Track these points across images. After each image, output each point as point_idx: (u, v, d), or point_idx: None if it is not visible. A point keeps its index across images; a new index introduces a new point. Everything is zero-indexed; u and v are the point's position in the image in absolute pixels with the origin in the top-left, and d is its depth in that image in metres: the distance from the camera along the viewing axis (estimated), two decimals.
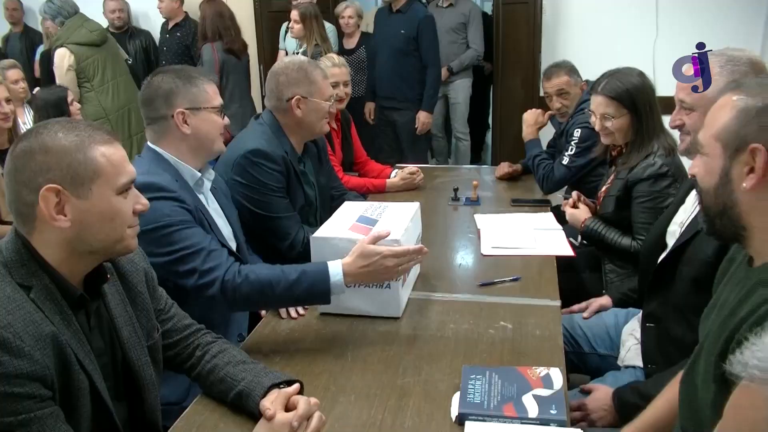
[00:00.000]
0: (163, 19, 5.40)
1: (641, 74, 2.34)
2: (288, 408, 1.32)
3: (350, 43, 5.01)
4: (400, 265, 1.68)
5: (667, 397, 1.40)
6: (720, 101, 1.15)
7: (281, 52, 5.14)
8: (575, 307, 2.11)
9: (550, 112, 3.18)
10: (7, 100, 2.99)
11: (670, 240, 1.85)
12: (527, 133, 3.19)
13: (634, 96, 2.28)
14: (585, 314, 2.08)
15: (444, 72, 5.11)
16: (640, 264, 2.03)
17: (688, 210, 1.81)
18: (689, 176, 1.68)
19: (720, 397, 1.04)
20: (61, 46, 4.37)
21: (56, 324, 1.15)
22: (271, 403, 1.32)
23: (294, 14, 4.55)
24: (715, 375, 1.06)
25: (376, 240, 1.68)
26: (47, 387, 1.11)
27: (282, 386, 1.38)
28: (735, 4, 4.62)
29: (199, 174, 1.84)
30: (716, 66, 1.64)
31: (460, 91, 5.33)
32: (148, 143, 1.82)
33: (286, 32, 5.01)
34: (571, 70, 3.08)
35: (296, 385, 1.38)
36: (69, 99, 3.53)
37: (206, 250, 1.67)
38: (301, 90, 2.32)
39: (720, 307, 1.19)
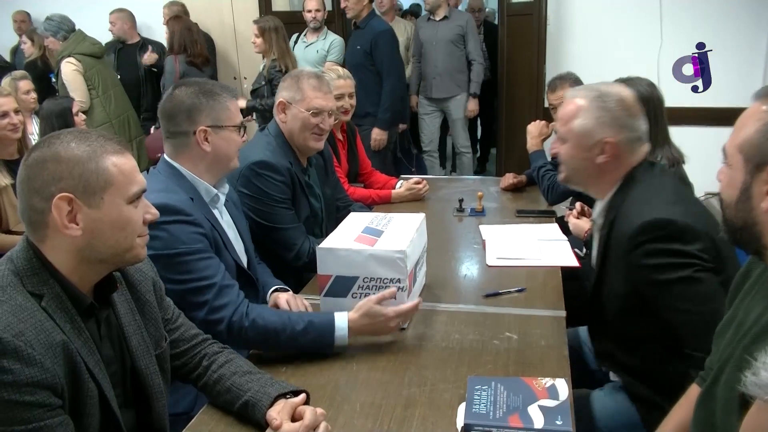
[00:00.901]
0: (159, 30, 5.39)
1: (651, 85, 2.35)
2: (294, 418, 1.33)
3: None
4: (398, 314, 1.72)
5: (679, 418, 1.36)
6: (750, 109, 1.07)
7: None
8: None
9: (554, 123, 3.19)
10: (16, 111, 3.02)
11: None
12: (531, 144, 3.20)
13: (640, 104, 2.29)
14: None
15: (472, 103, 5.24)
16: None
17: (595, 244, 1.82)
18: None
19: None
20: (69, 56, 4.53)
21: (67, 332, 1.17)
22: (278, 413, 1.33)
23: (253, 28, 4.54)
24: (741, 405, 0.98)
25: (381, 300, 1.71)
26: (57, 395, 1.12)
27: (288, 396, 1.39)
28: (738, 11, 4.62)
29: (215, 191, 1.85)
30: (584, 99, 1.68)
31: (459, 106, 5.31)
32: (166, 157, 1.83)
33: (296, 42, 5.04)
34: (575, 81, 3.09)
35: (302, 396, 1.39)
36: (74, 110, 3.57)
37: (218, 285, 1.68)
38: (286, 95, 2.33)
39: (738, 325, 1.13)
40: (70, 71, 4.50)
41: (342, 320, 1.68)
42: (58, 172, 1.17)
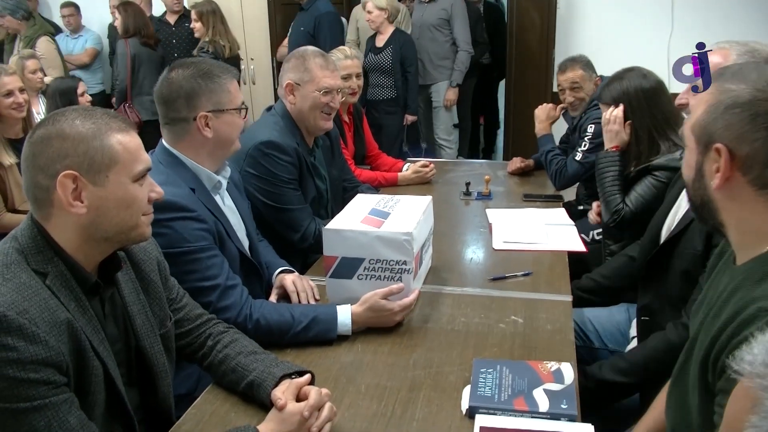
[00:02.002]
0: (160, 13, 5.38)
1: (644, 75, 2.32)
2: (299, 398, 1.33)
3: (379, 41, 4.63)
4: (401, 308, 1.73)
5: (662, 408, 1.36)
6: (704, 92, 1.11)
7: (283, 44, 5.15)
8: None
9: (562, 105, 3.17)
10: (21, 90, 3.01)
11: (665, 236, 1.85)
12: (540, 128, 3.18)
13: (630, 98, 2.29)
14: None
15: (450, 92, 4.94)
16: (637, 259, 2.02)
17: (683, 206, 1.81)
18: None
19: (705, 404, 1.02)
20: (44, 34, 4.70)
21: (71, 311, 1.17)
22: (283, 393, 1.33)
23: (192, 14, 4.61)
24: (700, 381, 1.04)
25: (388, 295, 1.72)
26: (62, 373, 1.12)
27: (293, 377, 1.39)
28: None
29: (218, 177, 1.81)
30: (733, 54, 1.62)
31: (442, 93, 5.03)
32: (165, 144, 1.77)
33: None
34: (586, 64, 3.06)
35: (307, 376, 1.39)
36: (80, 90, 3.57)
37: (222, 286, 1.66)
38: (294, 76, 2.30)
39: (707, 304, 1.16)
40: (51, 49, 4.62)
41: (345, 315, 1.68)
42: (63, 149, 1.16)
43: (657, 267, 1.79)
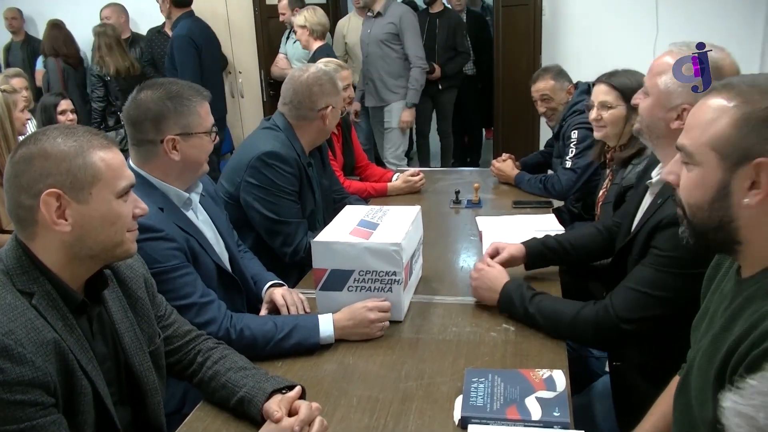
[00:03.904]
0: (156, 24, 5.35)
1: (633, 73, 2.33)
2: (291, 413, 1.32)
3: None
4: (381, 320, 1.73)
5: (662, 410, 1.36)
6: (710, 104, 1.04)
7: (281, 56, 5.14)
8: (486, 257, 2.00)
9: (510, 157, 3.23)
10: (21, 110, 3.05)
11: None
12: (509, 177, 3.17)
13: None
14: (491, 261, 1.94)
15: (406, 113, 4.59)
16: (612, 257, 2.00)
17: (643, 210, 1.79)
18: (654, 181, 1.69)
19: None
20: None
21: (58, 330, 1.16)
22: (278, 405, 1.32)
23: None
24: (714, 394, 1.01)
25: (375, 308, 1.74)
26: (50, 394, 1.11)
27: (284, 391, 1.38)
28: (735, 2, 4.62)
29: (187, 195, 1.79)
30: (675, 59, 1.60)
31: (395, 114, 4.66)
32: (132, 164, 1.73)
33: (288, 38, 5.03)
34: (558, 74, 3.10)
35: (298, 389, 1.38)
36: (59, 108, 3.57)
37: (198, 304, 1.65)
38: (333, 100, 2.38)
39: (710, 318, 1.14)
40: None
41: (327, 322, 1.70)
42: (45, 168, 1.16)
43: (618, 272, 1.79)
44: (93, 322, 1.28)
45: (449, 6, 5.74)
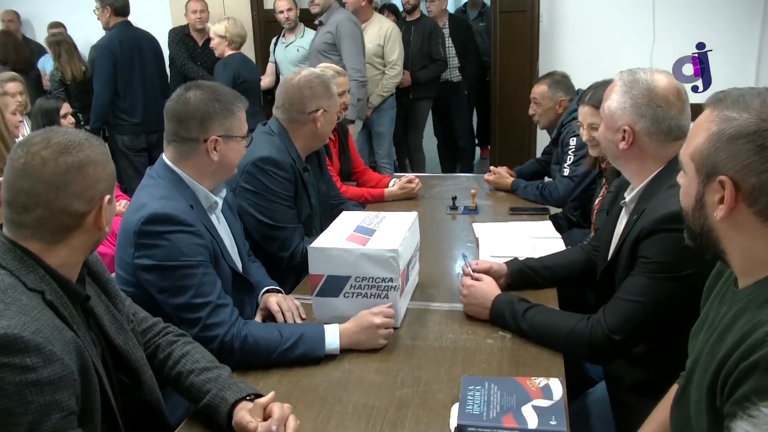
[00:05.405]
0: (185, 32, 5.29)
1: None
2: (265, 417, 1.33)
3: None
4: (386, 326, 1.71)
5: (660, 419, 1.36)
6: (700, 116, 1.07)
7: (270, 65, 5.13)
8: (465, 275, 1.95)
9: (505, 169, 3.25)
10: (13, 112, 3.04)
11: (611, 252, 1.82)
12: (505, 184, 3.18)
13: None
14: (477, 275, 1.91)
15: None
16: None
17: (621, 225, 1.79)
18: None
19: (713, 428, 1.01)
20: None
21: (74, 328, 1.18)
22: (251, 415, 1.32)
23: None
24: (708, 406, 1.02)
25: (380, 314, 1.71)
26: (74, 395, 1.12)
27: (249, 398, 1.38)
28: (732, 7, 4.64)
29: (215, 198, 1.83)
30: (620, 82, 1.67)
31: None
32: (166, 160, 1.77)
33: (276, 45, 5.02)
34: (556, 83, 3.12)
35: (271, 394, 1.37)
36: (62, 112, 3.56)
37: (213, 304, 1.65)
38: (324, 103, 2.37)
39: (709, 326, 1.14)
40: None
41: (333, 334, 1.67)
42: (97, 174, 1.22)
43: (605, 289, 1.78)
44: (89, 316, 1.29)
45: (426, 14, 5.57)
